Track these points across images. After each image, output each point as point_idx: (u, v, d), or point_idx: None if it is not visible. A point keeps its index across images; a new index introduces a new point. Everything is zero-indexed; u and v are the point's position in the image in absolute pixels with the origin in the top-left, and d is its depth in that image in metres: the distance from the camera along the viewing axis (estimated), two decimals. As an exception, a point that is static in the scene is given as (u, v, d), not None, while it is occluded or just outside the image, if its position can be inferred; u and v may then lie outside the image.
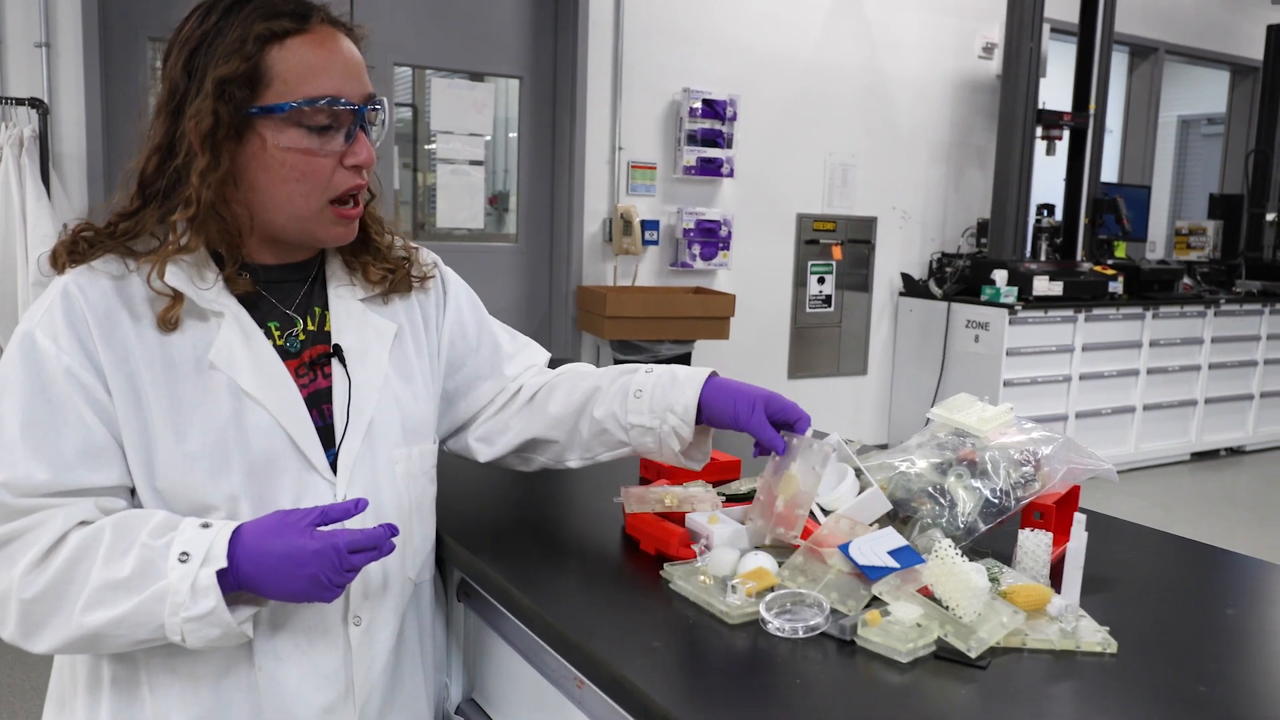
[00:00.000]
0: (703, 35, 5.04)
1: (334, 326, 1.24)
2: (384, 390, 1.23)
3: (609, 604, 1.19)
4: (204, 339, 1.13)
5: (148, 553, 1.02)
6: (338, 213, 1.16)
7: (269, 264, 1.22)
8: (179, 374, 1.11)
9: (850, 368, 5.82)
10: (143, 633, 1.02)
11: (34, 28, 3.63)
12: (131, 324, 1.10)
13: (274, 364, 1.16)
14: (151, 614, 1.01)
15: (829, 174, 5.55)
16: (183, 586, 1.00)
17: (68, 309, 1.08)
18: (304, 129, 1.12)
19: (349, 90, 1.14)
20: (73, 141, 3.74)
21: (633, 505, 1.35)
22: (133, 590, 1.01)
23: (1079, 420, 5.66)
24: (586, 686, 1.06)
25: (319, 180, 1.14)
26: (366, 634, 1.20)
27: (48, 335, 1.07)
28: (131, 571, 1.01)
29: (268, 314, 1.20)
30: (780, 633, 1.05)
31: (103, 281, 1.11)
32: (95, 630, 1.02)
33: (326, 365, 1.22)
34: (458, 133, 4.67)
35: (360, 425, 1.20)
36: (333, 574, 1.02)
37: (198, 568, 1.01)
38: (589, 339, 4.92)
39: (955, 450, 1.31)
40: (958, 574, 1.07)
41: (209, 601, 1.01)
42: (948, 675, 1.00)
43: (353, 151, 1.14)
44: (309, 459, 1.15)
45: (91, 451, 1.07)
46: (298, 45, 1.12)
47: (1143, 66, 7.02)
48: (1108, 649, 1.06)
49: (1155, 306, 5.88)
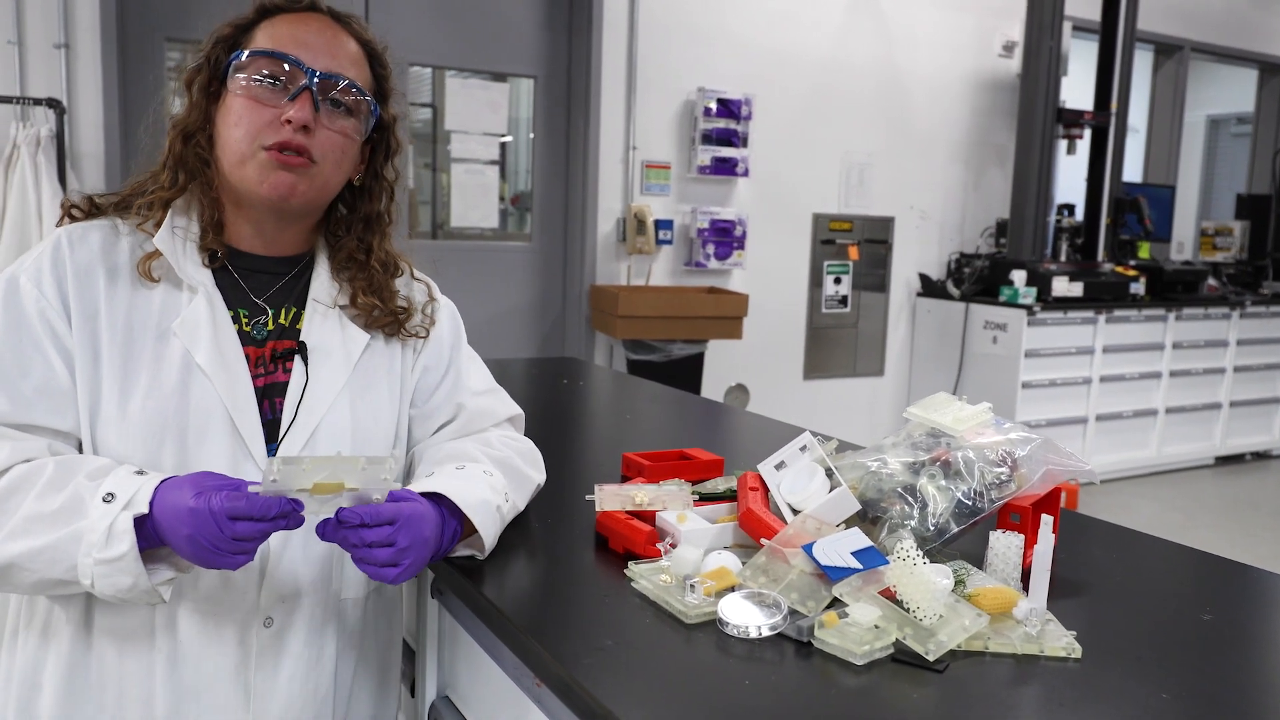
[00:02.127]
0: (718, 34, 5.02)
1: (305, 325, 1.25)
2: (340, 396, 1.24)
3: (570, 602, 1.18)
4: (172, 309, 1.18)
5: (78, 490, 1.04)
6: (269, 155, 1.17)
7: (253, 252, 1.25)
8: (138, 337, 1.15)
9: (867, 368, 5.78)
10: (56, 570, 1.03)
11: (53, 29, 3.67)
12: (106, 283, 1.16)
13: (232, 344, 1.19)
14: (67, 552, 1.02)
15: (845, 173, 5.51)
16: (100, 526, 1.01)
17: (55, 258, 1.15)
18: (252, 78, 1.18)
19: (307, 57, 1.19)
20: (90, 141, 3.79)
21: (604, 503, 1.34)
22: (56, 525, 1.02)
23: (1099, 423, 5.59)
24: (543, 686, 1.06)
25: (254, 127, 1.17)
26: (275, 638, 1.20)
27: (31, 280, 1.13)
28: (59, 506, 1.03)
29: (239, 300, 1.23)
30: (736, 633, 1.04)
31: (93, 238, 1.18)
32: (10, 560, 1.03)
33: (289, 361, 1.23)
34: (473, 132, 4.68)
35: (307, 424, 1.20)
36: (213, 539, 1.01)
37: (119, 510, 1.01)
38: (602, 338, 4.92)
39: (929, 450, 1.29)
40: (919, 576, 1.06)
41: (122, 546, 1.01)
42: (904, 678, 0.98)
43: (292, 107, 1.17)
44: (246, 444, 1.17)
45: (51, 393, 1.11)
46: (281, 19, 1.23)
47: (1167, 65, 6.93)
48: (1072, 654, 1.04)
49: (1178, 308, 5.80)
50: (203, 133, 1.22)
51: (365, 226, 1.33)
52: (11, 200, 3.29)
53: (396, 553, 1.09)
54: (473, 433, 1.39)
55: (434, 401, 1.37)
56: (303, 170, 1.19)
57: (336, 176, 1.25)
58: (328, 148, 1.20)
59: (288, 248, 1.28)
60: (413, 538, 1.10)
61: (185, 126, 1.22)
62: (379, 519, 1.08)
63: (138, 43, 3.94)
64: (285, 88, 1.18)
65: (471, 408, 1.39)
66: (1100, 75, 5.85)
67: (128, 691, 1.14)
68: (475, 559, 1.24)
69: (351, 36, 1.26)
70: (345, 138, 1.23)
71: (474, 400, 1.40)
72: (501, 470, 1.31)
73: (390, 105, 1.31)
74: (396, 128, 1.33)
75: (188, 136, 1.22)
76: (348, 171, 1.27)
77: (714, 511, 1.34)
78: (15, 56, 3.62)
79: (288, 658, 1.20)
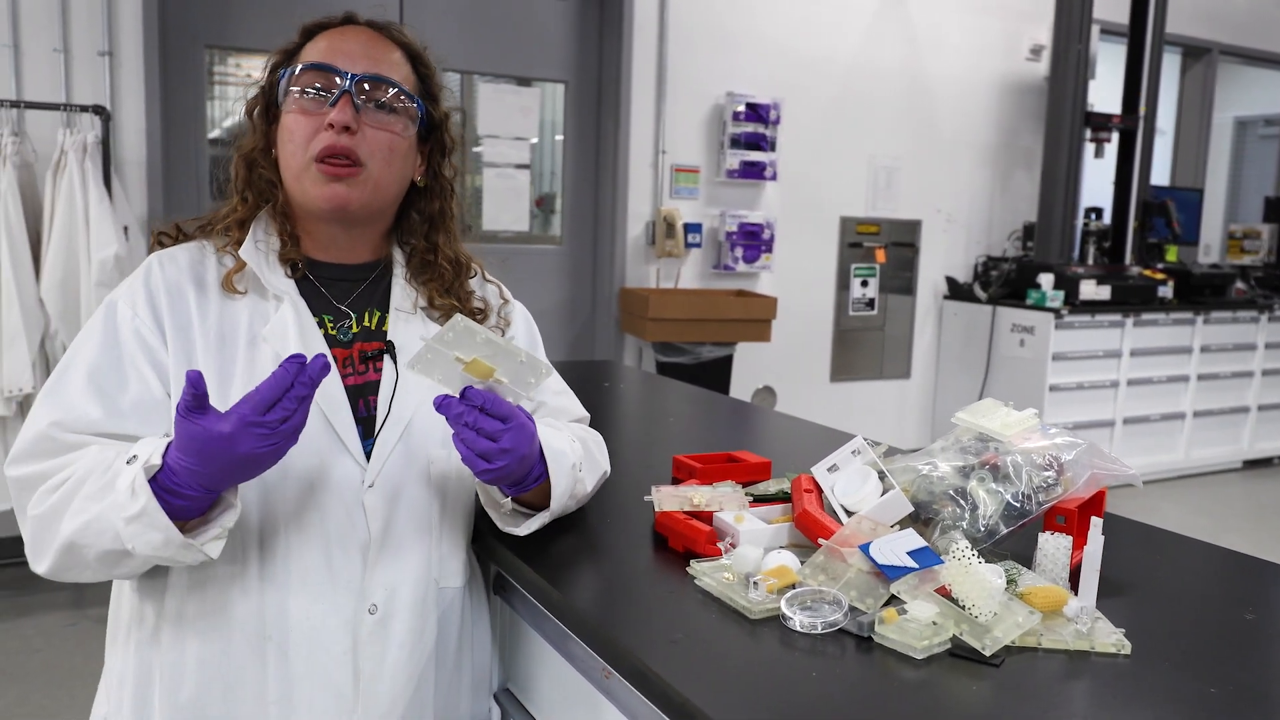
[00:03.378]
0: (746, 39, 5.07)
1: (391, 328, 1.32)
2: (430, 391, 1.29)
3: (636, 598, 1.23)
4: (261, 317, 1.25)
5: (116, 463, 1.09)
6: (318, 167, 1.23)
7: (331, 261, 1.32)
8: (229, 345, 1.22)
9: (893, 371, 5.81)
10: (105, 540, 1.07)
11: (97, 37, 3.76)
12: (196, 298, 1.24)
13: (319, 345, 1.26)
14: (110, 521, 1.06)
15: (872, 177, 5.55)
16: (122, 485, 1.06)
17: (147, 280, 1.24)
18: (298, 94, 1.25)
19: (344, 63, 1.25)
20: (133, 147, 3.87)
21: (663, 504, 1.39)
22: (100, 497, 1.07)
23: (1126, 426, 5.60)
24: (614, 676, 1.11)
25: (303, 139, 1.24)
26: (380, 625, 1.25)
27: (127, 302, 1.22)
28: (104, 482, 1.08)
29: (323, 307, 1.30)
30: (800, 628, 1.09)
31: (181, 258, 1.27)
32: (69, 539, 1.08)
33: (377, 361, 1.29)
34: (503, 137, 4.74)
35: (400, 419, 1.26)
36: (260, 441, 1.03)
37: (138, 468, 1.06)
38: (631, 341, 4.97)
39: (978, 454, 1.34)
40: (975, 574, 1.10)
41: (140, 500, 1.04)
42: (962, 672, 1.03)
43: (333, 111, 1.23)
44: (342, 440, 1.23)
45: (145, 406, 1.17)
46: (322, 36, 1.30)
47: (1195, 67, 6.92)
48: (1122, 650, 1.08)
49: (1206, 311, 5.79)
50: (265, 156, 1.30)
51: (430, 227, 1.38)
52: (60, 205, 3.37)
53: (497, 450, 1.15)
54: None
55: None
56: (352, 178, 1.24)
57: (388, 176, 1.29)
58: (374, 147, 1.26)
59: (363, 254, 1.35)
60: (515, 444, 1.16)
61: (246, 152, 1.30)
62: (498, 411, 1.15)
63: (179, 50, 4.02)
64: (328, 96, 1.24)
65: (551, 405, 1.46)
66: (1128, 78, 5.86)
67: (242, 681, 1.20)
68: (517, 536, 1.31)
69: (391, 41, 1.31)
70: (391, 135, 1.27)
71: (554, 399, 1.47)
72: (582, 445, 1.38)
73: (439, 104, 1.36)
74: (449, 125, 1.38)
75: (250, 162, 1.30)
76: (402, 170, 1.32)
77: (768, 512, 1.39)
78: (61, 64, 3.71)
79: (393, 645, 1.26)
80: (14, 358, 3.29)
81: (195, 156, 4.15)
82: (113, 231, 3.39)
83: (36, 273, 3.37)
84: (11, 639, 3.23)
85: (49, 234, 3.37)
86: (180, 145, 4.08)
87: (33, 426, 1.15)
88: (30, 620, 3.38)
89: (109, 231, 3.38)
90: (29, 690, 2.87)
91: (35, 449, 1.14)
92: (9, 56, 3.63)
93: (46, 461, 1.13)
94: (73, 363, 1.19)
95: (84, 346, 1.20)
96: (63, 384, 1.17)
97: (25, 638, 3.24)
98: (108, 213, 3.41)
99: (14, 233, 3.30)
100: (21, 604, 3.52)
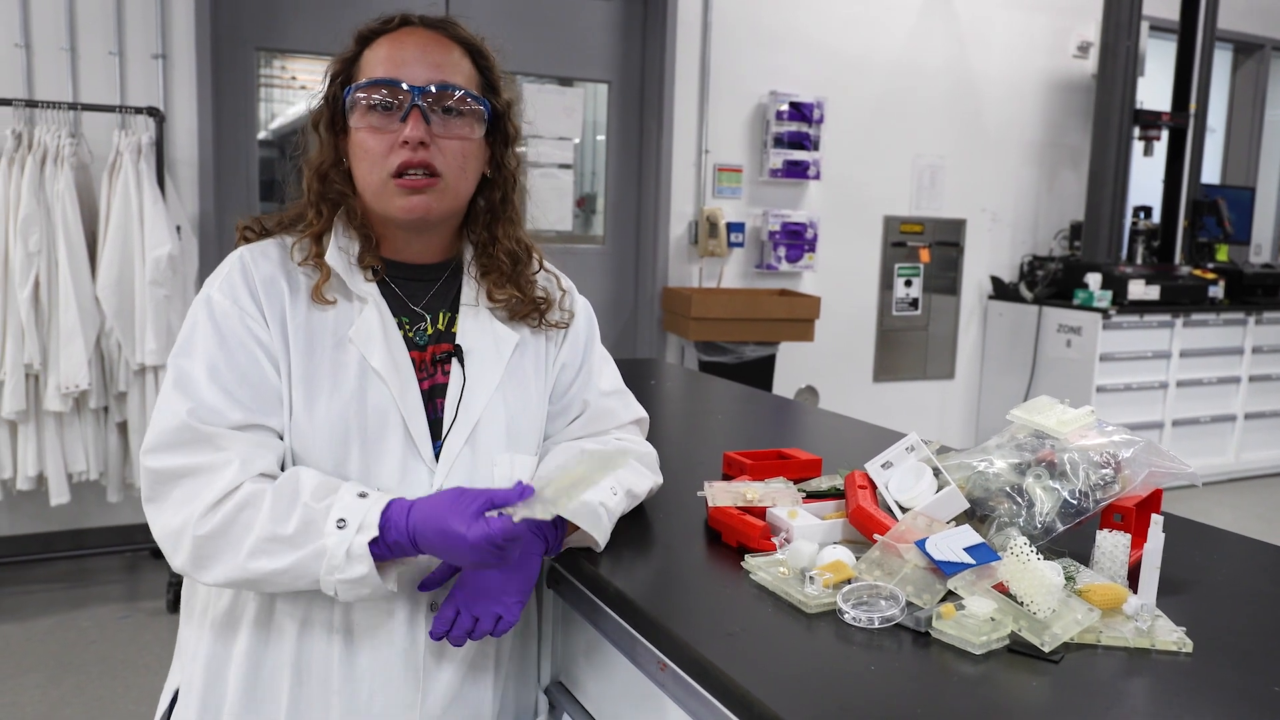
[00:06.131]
0: (790, 38, 5.06)
1: (459, 329, 1.33)
2: (495, 395, 1.31)
3: (692, 592, 1.24)
4: (346, 319, 1.27)
5: (309, 514, 1.13)
6: (398, 184, 1.24)
7: (406, 262, 1.34)
8: (317, 345, 1.24)
9: (937, 371, 5.76)
10: (301, 584, 1.14)
11: (151, 40, 3.83)
12: (289, 294, 1.25)
13: (402, 350, 1.28)
14: (309, 569, 1.13)
15: (917, 175, 5.51)
16: (339, 551, 1.11)
17: (243, 272, 1.25)
18: (366, 109, 1.24)
19: (408, 75, 1.24)
20: (186, 148, 3.94)
21: (716, 499, 1.40)
22: (295, 547, 1.12)
23: (1175, 428, 5.51)
24: (669, 669, 1.12)
25: (378, 156, 1.24)
26: None
27: (226, 295, 1.23)
28: (294, 530, 1.12)
29: (400, 309, 1.32)
30: (856, 623, 1.09)
31: (272, 253, 1.28)
32: (259, 576, 1.14)
33: (446, 363, 1.31)
34: (547, 137, 4.77)
35: (467, 422, 1.28)
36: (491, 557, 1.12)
37: (353, 534, 1.11)
38: (673, 339, 4.98)
39: (1034, 451, 1.33)
40: (1033, 571, 1.10)
41: (362, 568, 1.12)
42: (1021, 668, 1.02)
43: (405, 128, 1.23)
44: (416, 444, 1.25)
45: (268, 395, 1.21)
46: (381, 42, 1.29)
47: (1247, 64, 6.80)
48: (1183, 648, 1.07)
49: (1259, 312, 5.69)
50: (336, 168, 1.30)
51: (491, 217, 1.39)
52: (115, 205, 3.43)
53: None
54: (594, 433, 1.43)
55: (567, 398, 1.43)
56: (431, 188, 1.25)
57: (465, 182, 1.31)
58: (450, 156, 1.26)
59: (438, 253, 1.36)
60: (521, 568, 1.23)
61: (319, 167, 1.30)
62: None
63: (230, 53, 4.09)
64: (396, 109, 1.24)
65: (595, 407, 1.44)
66: (1179, 75, 5.77)
67: (308, 671, 1.23)
68: (592, 551, 1.31)
69: (450, 39, 1.31)
70: (464, 141, 1.28)
71: (600, 400, 1.44)
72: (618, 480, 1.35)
73: (501, 94, 1.36)
74: (511, 114, 1.38)
75: (323, 176, 1.30)
76: (476, 172, 1.33)
77: (821, 508, 1.39)
78: (117, 67, 3.79)
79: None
80: (71, 355, 3.36)
81: (246, 157, 4.22)
82: (166, 231, 3.45)
83: (92, 272, 3.44)
84: (68, 630, 3.30)
85: (105, 233, 3.44)
86: (231, 146, 4.15)
87: (172, 417, 1.16)
88: (85, 612, 3.45)
89: (163, 231, 3.44)
90: (85, 680, 2.93)
91: (176, 438, 1.16)
92: (66, 60, 3.71)
93: (186, 454, 1.15)
94: (191, 359, 1.20)
95: (196, 346, 1.20)
96: (189, 378, 1.18)
97: (81, 629, 3.31)
98: (161, 212, 3.47)
99: (71, 232, 3.37)
100: (75, 597, 3.60)
